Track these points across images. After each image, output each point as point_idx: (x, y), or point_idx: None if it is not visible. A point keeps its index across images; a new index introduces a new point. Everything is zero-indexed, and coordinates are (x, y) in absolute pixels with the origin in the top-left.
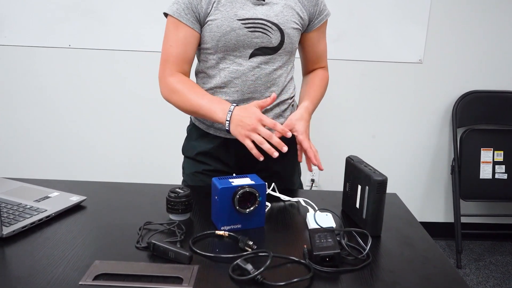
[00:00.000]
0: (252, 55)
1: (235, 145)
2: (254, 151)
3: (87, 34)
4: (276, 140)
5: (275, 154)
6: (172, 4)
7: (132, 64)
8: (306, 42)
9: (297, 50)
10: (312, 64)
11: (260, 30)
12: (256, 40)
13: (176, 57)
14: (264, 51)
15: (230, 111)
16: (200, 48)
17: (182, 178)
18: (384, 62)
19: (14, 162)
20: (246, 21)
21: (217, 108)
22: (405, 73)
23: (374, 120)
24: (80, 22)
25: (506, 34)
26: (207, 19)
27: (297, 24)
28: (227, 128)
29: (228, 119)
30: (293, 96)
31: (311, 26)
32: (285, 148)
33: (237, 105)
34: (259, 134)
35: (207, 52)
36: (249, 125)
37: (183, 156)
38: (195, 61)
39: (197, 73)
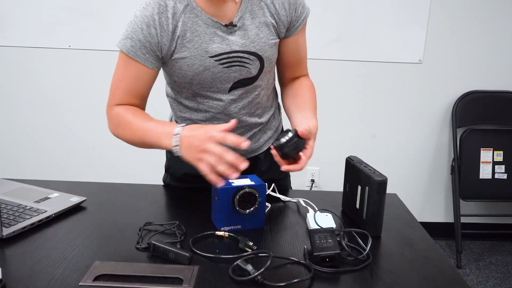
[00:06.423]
0: (231, 89)
1: None
2: (210, 177)
3: (87, 35)
4: (229, 158)
5: (233, 175)
6: (124, 38)
7: None
8: (286, 48)
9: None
10: (292, 71)
11: (237, 63)
12: (234, 74)
13: (123, 90)
14: (244, 82)
15: (176, 134)
16: (169, 77)
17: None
18: (384, 62)
19: (14, 163)
20: (220, 57)
21: (161, 132)
22: (405, 73)
23: (374, 120)
24: (80, 23)
25: (505, 34)
26: (173, 57)
27: (275, 39)
28: (179, 155)
29: (177, 143)
30: (276, 99)
31: (290, 32)
32: (243, 165)
33: (186, 125)
34: (212, 154)
35: (179, 85)
36: (198, 146)
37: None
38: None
39: (168, 96)
